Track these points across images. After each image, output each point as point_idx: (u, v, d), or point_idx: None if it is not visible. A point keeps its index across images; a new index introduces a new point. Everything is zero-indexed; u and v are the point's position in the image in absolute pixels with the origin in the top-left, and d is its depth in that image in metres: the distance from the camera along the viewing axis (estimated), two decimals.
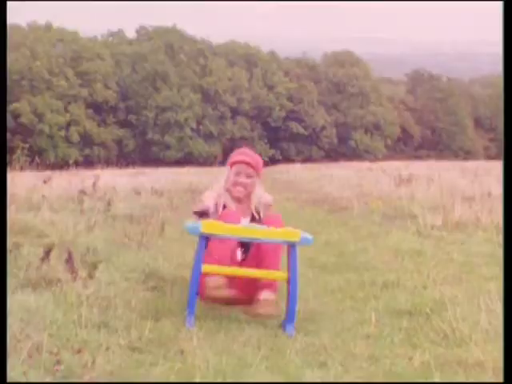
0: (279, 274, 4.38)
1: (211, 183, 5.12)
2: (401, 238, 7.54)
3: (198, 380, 3.16)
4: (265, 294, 4.38)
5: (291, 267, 4.27)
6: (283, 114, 63.38)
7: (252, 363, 3.41)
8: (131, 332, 3.77)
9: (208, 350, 3.58)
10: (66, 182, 11.71)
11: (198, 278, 4.26)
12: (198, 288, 4.27)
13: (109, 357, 3.33)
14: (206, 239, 4.31)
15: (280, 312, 4.29)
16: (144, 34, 64.13)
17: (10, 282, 4.32)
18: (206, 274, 4.31)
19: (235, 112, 61.22)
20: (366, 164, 33.03)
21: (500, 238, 6.82)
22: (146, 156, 57.07)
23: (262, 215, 4.85)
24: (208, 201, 4.80)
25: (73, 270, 4.63)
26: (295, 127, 63.47)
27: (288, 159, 56.71)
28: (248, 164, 4.88)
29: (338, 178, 19.97)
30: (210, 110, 60.32)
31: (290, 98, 64.18)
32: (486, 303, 4.24)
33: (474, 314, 4.09)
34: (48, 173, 12.59)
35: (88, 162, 42.64)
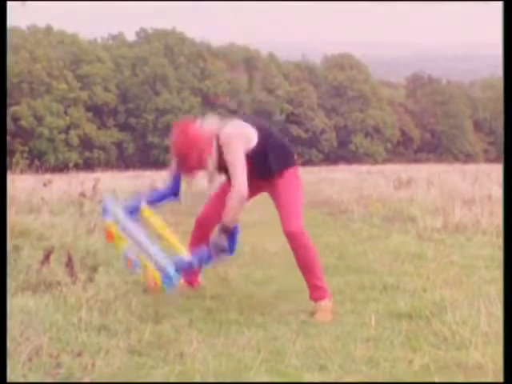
0: None
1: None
2: (401, 240, 7.53)
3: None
4: (323, 303, 4.57)
5: None
6: (283, 117, 63.37)
7: (252, 366, 3.40)
8: (131, 335, 3.77)
9: (208, 353, 3.57)
10: (65, 185, 11.70)
11: None
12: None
13: (108, 360, 3.34)
14: None
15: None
16: (144, 36, 64.16)
17: (10, 285, 4.32)
18: None
19: (235, 115, 61.26)
20: (365, 167, 33.04)
21: (500, 241, 6.82)
22: (145, 159, 57.10)
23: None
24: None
25: (72, 273, 4.63)
26: (295, 130, 63.48)
27: None
28: (177, 161, 4.62)
29: (337, 181, 19.96)
30: (210, 113, 60.31)
31: (290, 102, 64.20)
32: (486, 306, 4.24)
33: (473, 317, 4.09)
34: (48, 176, 12.58)
35: (88, 165, 42.64)
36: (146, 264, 4.45)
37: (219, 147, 4.57)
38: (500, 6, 3.99)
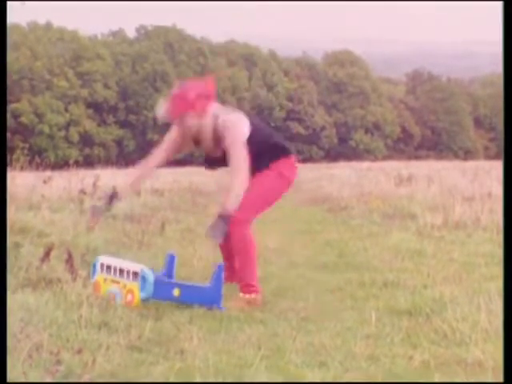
0: None
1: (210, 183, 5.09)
2: (401, 237, 7.53)
3: (197, 380, 3.16)
4: (247, 296, 4.66)
5: None
6: (283, 113, 63.36)
7: (252, 363, 3.40)
8: (131, 331, 3.76)
9: (208, 350, 3.57)
10: (65, 181, 11.70)
11: None
12: None
13: (109, 356, 3.33)
14: None
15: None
16: (144, 33, 64.16)
17: (10, 282, 4.32)
18: None
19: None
20: (365, 164, 33.06)
21: (500, 238, 6.82)
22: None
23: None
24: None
25: (73, 270, 4.64)
26: (295, 127, 63.48)
27: None
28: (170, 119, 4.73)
29: (337, 177, 19.99)
30: None
31: (290, 98, 64.19)
32: (486, 303, 4.23)
33: (473, 314, 4.09)
34: (48, 173, 12.58)
35: (88, 162, 42.66)
36: (124, 283, 4.43)
37: (215, 130, 4.64)
38: (500, 4, 3.98)
